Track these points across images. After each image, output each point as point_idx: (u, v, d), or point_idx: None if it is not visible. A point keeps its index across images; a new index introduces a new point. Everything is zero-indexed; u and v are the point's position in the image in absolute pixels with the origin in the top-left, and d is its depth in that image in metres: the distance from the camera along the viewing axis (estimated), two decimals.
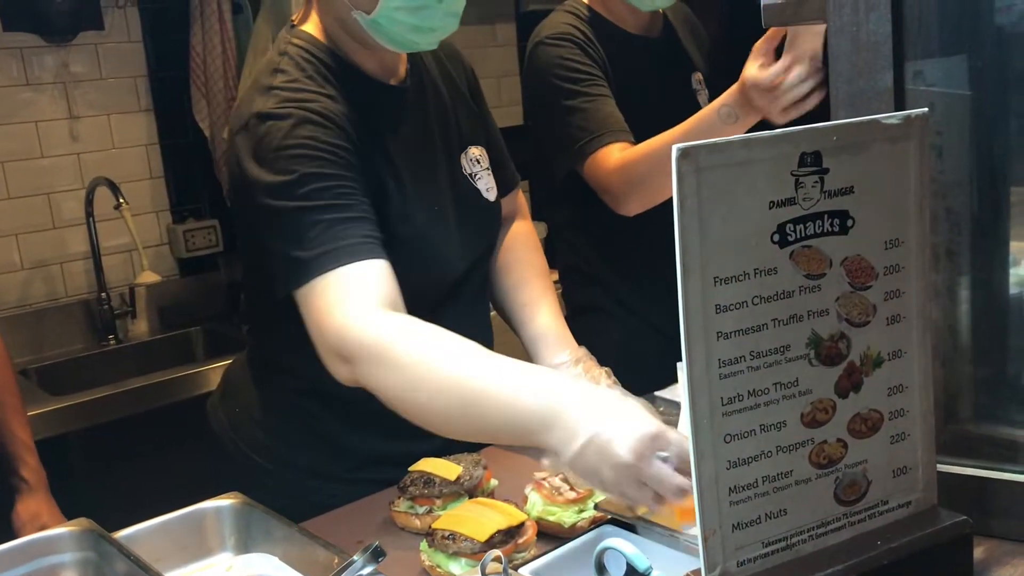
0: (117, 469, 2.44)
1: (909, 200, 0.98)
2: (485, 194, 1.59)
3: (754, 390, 0.92)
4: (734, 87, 1.68)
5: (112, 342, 2.89)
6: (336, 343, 1.28)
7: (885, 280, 0.98)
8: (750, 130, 1.66)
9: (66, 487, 1.98)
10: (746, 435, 0.93)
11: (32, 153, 2.84)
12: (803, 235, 0.93)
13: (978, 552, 1.07)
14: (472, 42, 3.66)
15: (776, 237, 0.91)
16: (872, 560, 0.97)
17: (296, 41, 1.47)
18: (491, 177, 1.61)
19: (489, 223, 1.60)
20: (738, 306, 0.90)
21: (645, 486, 1.07)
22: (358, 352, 1.25)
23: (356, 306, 1.27)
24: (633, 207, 1.89)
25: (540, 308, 1.63)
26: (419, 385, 1.21)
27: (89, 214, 2.83)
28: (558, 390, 1.12)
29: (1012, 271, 1.23)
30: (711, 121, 1.71)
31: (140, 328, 2.99)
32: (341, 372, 1.30)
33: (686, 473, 1.03)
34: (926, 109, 0.98)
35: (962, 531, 1.02)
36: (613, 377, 1.58)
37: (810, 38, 1.54)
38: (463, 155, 1.58)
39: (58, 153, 2.88)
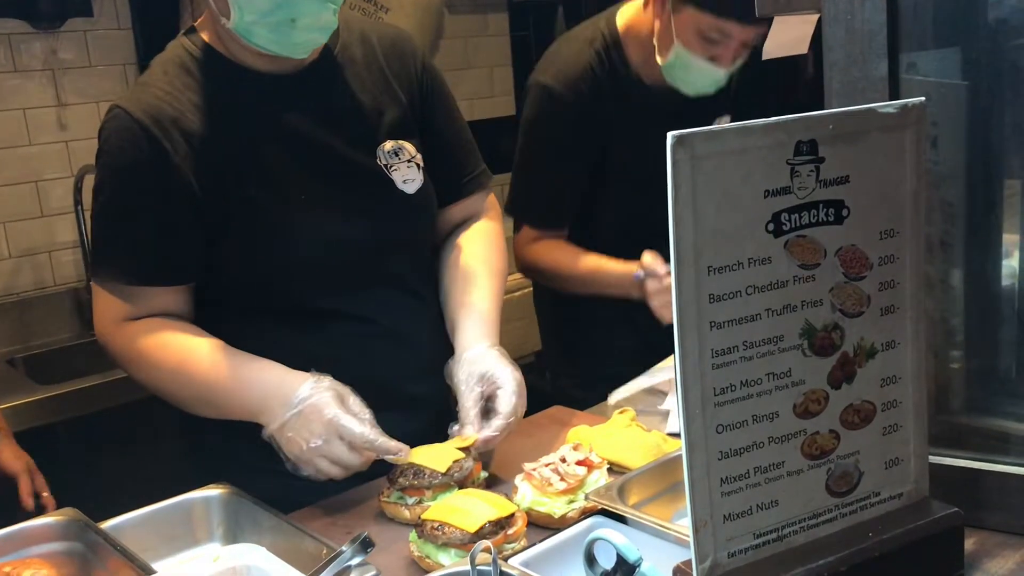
0: (104, 459, 2.43)
1: (904, 190, 0.98)
2: (401, 186, 1.58)
3: (747, 380, 0.92)
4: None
5: None
6: (102, 345, 1.54)
7: (880, 271, 0.98)
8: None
9: (53, 477, 1.97)
10: (738, 425, 0.92)
11: (20, 140, 2.81)
12: (798, 224, 0.92)
13: (969, 544, 1.07)
14: (464, 32, 3.64)
15: (771, 226, 0.91)
16: (863, 552, 0.97)
17: (182, 41, 1.55)
18: (413, 170, 1.60)
19: (403, 214, 1.60)
20: (732, 296, 0.90)
21: (335, 463, 1.39)
22: (113, 358, 1.54)
23: (109, 320, 1.51)
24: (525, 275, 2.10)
25: (471, 306, 1.63)
26: (163, 381, 1.50)
27: (77, 202, 2.81)
28: (265, 384, 1.43)
29: (1004, 263, 1.23)
30: (621, 278, 1.90)
31: None
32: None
33: (360, 450, 1.39)
34: (923, 99, 0.97)
35: (953, 523, 1.02)
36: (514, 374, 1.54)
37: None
38: (379, 146, 1.58)
39: (46, 141, 2.86)
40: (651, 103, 1.95)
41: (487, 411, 1.51)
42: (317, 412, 1.38)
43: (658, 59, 1.85)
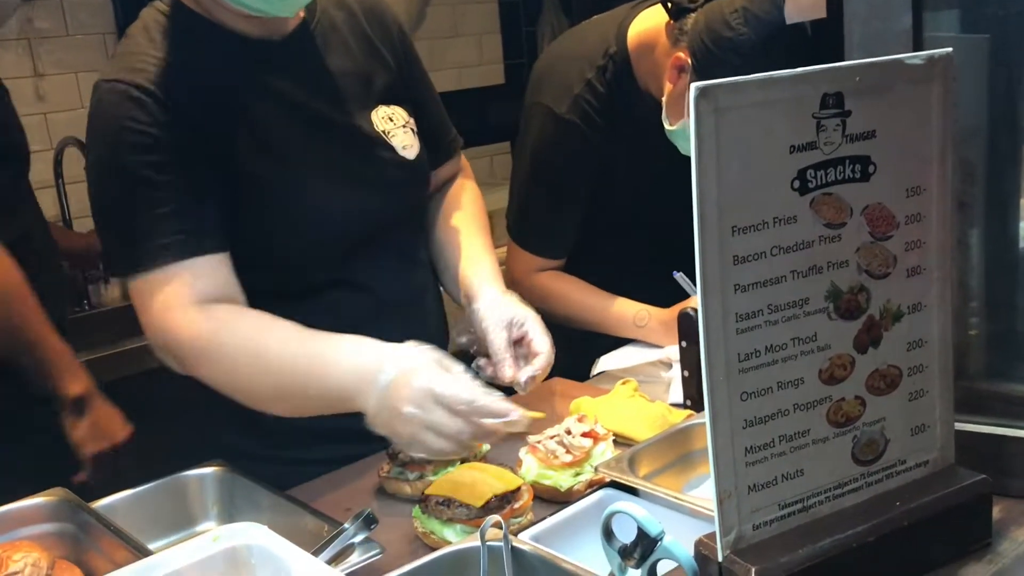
0: None
1: (931, 145, 0.94)
2: (401, 152, 1.53)
3: (771, 345, 0.88)
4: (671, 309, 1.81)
5: (85, 308, 2.81)
6: (161, 343, 1.36)
7: (906, 230, 0.94)
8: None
9: (39, 457, 1.92)
10: (763, 393, 0.89)
11: None
12: (824, 181, 0.88)
13: (994, 512, 1.04)
14: None
15: (796, 183, 0.87)
16: (892, 521, 0.94)
17: (157, 7, 1.46)
18: (409, 135, 1.55)
19: (408, 180, 1.55)
20: (756, 257, 0.86)
21: (440, 435, 1.19)
22: (181, 351, 1.34)
23: (172, 308, 1.33)
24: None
25: (465, 258, 1.58)
26: (240, 373, 1.32)
27: (58, 175, 2.74)
28: (360, 361, 1.25)
29: None
30: (622, 318, 1.88)
31: (112, 294, 2.90)
32: (173, 365, 1.38)
33: (462, 415, 1.18)
34: (950, 49, 0.93)
35: (981, 490, 0.99)
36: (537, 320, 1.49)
37: None
38: (373, 112, 1.53)
39: (24, 112, 2.75)
40: (656, 116, 1.88)
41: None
42: (409, 377, 1.21)
43: (665, 122, 1.79)
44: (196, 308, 1.33)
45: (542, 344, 1.42)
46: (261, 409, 1.36)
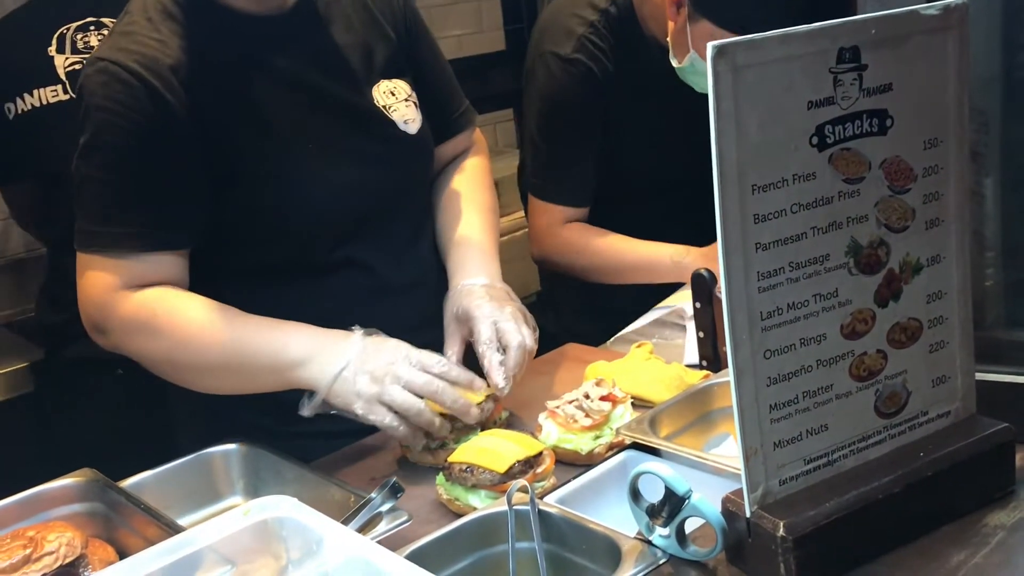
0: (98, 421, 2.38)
1: (947, 96, 0.94)
2: (402, 126, 1.52)
3: (794, 303, 0.89)
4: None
5: None
6: (95, 316, 1.39)
7: (924, 182, 0.94)
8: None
9: (55, 439, 1.94)
10: (786, 350, 0.89)
11: None
12: (842, 137, 0.88)
13: (1017, 459, 1.04)
14: None
15: (815, 139, 0.87)
16: (915, 472, 0.95)
17: None
18: (411, 109, 1.54)
19: (409, 156, 1.54)
20: (776, 215, 0.86)
21: (408, 388, 1.31)
22: (117, 324, 1.37)
23: (119, 288, 1.37)
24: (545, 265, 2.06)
25: (465, 241, 1.59)
26: (183, 346, 1.37)
27: None
28: (312, 333, 1.36)
29: None
30: (659, 258, 1.88)
31: None
32: (99, 339, 1.42)
33: (432, 373, 1.33)
34: None
35: (1004, 439, 1.00)
36: (525, 312, 1.50)
37: None
38: (375, 87, 1.52)
39: None
40: (663, 59, 1.87)
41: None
42: (381, 340, 1.35)
43: (672, 61, 1.78)
44: (144, 290, 1.37)
45: (513, 336, 1.41)
46: (189, 384, 1.43)
